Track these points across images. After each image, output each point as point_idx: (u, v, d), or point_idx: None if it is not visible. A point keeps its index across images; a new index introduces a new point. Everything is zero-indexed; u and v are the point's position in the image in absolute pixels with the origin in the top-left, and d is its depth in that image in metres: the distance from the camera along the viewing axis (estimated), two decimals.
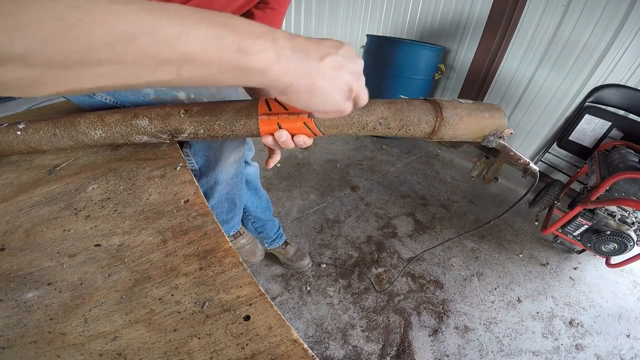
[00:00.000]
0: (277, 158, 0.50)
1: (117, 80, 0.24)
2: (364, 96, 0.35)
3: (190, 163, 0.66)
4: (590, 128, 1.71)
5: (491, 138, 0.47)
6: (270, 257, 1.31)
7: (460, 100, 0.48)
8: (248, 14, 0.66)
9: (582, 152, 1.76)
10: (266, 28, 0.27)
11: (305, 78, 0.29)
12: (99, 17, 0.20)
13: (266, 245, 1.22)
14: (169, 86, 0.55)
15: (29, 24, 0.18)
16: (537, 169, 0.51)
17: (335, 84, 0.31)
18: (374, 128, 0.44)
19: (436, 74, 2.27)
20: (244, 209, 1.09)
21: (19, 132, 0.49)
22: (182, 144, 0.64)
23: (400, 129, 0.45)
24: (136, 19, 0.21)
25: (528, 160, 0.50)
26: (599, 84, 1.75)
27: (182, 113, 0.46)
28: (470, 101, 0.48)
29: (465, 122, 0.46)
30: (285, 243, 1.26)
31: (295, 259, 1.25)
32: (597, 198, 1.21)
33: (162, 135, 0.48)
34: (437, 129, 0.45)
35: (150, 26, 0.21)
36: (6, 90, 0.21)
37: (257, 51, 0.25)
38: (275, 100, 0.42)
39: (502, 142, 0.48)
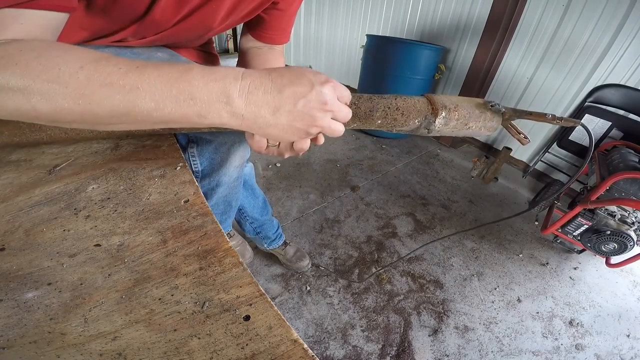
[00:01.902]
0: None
1: (134, 128, 0.35)
2: (330, 131, 0.38)
3: (194, 163, 0.65)
4: (590, 128, 1.71)
5: (495, 104, 0.48)
6: (270, 257, 1.30)
7: None
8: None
9: (582, 152, 1.76)
10: (223, 85, 0.31)
11: (257, 129, 0.35)
12: (101, 102, 0.30)
13: (265, 246, 1.22)
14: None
15: (63, 111, 0.30)
16: (579, 121, 0.49)
17: (288, 130, 0.35)
18: (371, 97, 0.46)
19: (436, 74, 2.27)
20: (241, 210, 1.09)
21: None
22: (187, 143, 0.64)
23: (396, 98, 0.47)
24: (124, 100, 0.30)
25: (560, 116, 0.47)
26: (599, 84, 1.75)
27: None
28: None
29: (453, 97, 0.49)
30: (285, 244, 1.25)
31: (295, 260, 1.25)
32: (597, 198, 1.21)
33: None
34: (431, 97, 0.48)
35: (135, 104, 0.30)
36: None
37: (213, 116, 0.32)
38: None
39: (509, 107, 0.50)
